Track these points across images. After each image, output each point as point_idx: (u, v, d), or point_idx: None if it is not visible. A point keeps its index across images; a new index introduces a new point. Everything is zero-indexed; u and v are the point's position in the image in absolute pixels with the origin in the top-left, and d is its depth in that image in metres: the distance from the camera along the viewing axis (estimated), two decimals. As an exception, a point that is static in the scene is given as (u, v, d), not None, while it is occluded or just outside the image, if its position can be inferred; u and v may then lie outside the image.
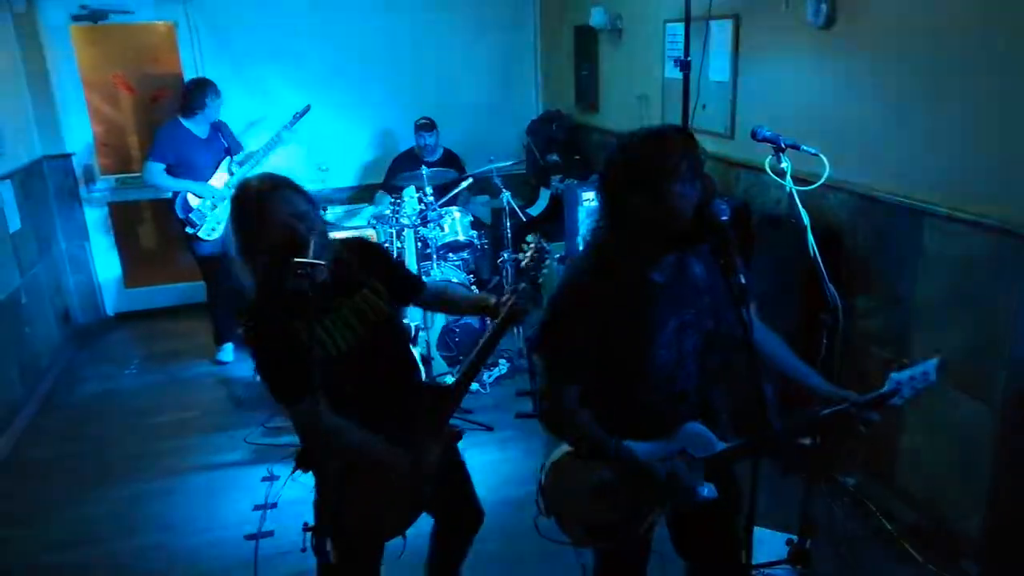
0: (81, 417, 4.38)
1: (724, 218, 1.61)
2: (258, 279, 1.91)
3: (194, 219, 4.61)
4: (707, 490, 1.83)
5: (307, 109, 4.93)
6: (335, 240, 2.04)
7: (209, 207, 4.64)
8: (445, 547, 2.36)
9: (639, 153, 1.68)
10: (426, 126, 5.29)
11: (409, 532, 2.11)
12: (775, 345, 1.95)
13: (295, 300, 1.76)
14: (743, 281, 1.50)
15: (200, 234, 4.63)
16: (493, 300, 2.10)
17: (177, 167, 4.58)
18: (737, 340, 1.75)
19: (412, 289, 2.21)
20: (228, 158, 4.78)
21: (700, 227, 1.63)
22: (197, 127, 4.65)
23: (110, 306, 5.83)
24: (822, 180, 2.53)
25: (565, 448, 1.92)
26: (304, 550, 1.65)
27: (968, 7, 2.52)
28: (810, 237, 2.33)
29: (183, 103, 4.65)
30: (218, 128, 4.80)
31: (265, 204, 1.85)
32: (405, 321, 4.10)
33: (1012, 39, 2.38)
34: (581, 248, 1.76)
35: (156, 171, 4.56)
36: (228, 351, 5.00)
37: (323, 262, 1.78)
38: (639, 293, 1.71)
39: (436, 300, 2.30)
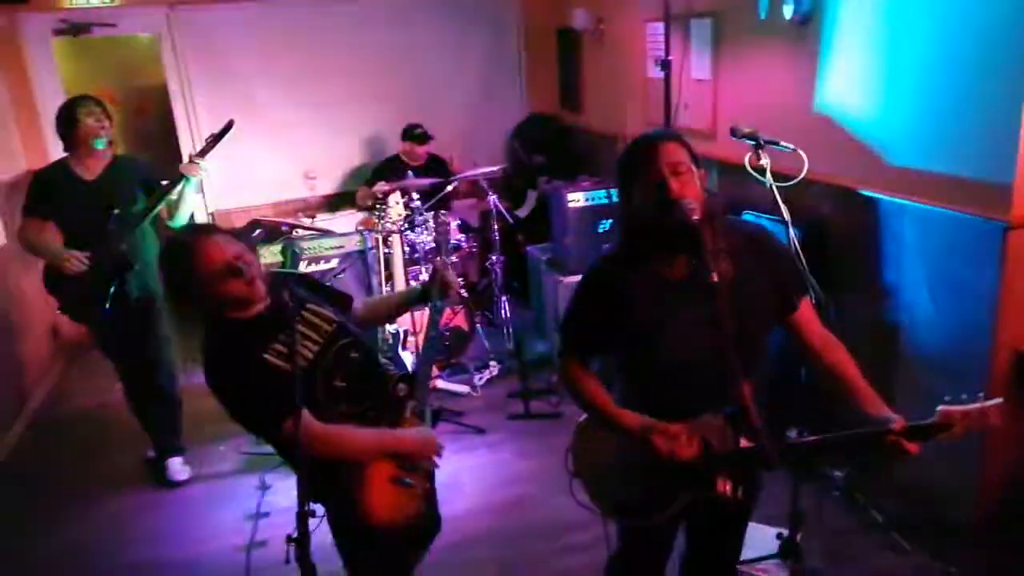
0: (71, 431, 4.37)
1: (695, 217, 1.60)
2: (206, 322, 1.93)
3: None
4: (724, 485, 1.76)
5: (229, 125, 3.33)
6: (274, 272, 2.08)
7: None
8: None
9: (626, 151, 1.77)
10: (419, 137, 5.23)
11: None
12: (834, 353, 1.87)
13: (251, 328, 1.87)
14: (716, 280, 1.50)
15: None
16: (417, 285, 2.15)
17: (58, 223, 3.38)
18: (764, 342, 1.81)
19: (345, 303, 2.25)
20: (111, 214, 3.32)
21: (673, 227, 1.61)
22: (82, 166, 3.42)
23: (99, 319, 5.79)
24: (802, 175, 2.54)
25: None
26: (288, 562, 1.64)
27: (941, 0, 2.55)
28: (790, 232, 2.34)
29: None
30: (120, 166, 3.51)
31: (199, 252, 1.84)
32: (387, 327, 4.12)
33: (988, 29, 2.39)
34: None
35: (26, 228, 3.36)
36: (178, 467, 3.74)
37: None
38: (650, 284, 1.76)
39: (367, 311, 2.33)
